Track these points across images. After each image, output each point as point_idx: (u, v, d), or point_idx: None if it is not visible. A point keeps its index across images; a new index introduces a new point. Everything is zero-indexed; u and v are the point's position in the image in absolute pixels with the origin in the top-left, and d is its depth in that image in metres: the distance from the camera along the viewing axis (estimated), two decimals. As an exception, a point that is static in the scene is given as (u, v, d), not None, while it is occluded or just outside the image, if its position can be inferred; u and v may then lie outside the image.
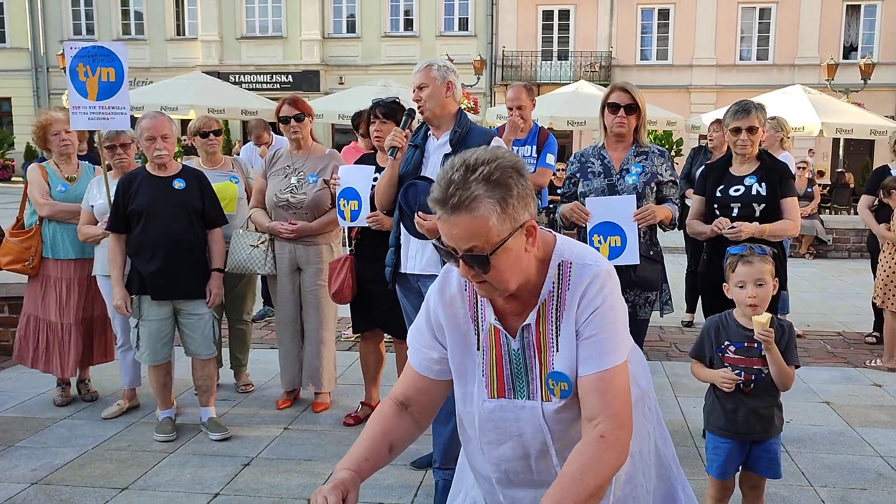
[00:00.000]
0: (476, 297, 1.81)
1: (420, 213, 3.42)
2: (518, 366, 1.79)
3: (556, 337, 1.75)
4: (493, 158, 1.61)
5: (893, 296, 5.70)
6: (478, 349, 1.82)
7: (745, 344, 2.88)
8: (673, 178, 3.87)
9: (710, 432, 3.03)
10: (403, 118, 3.75)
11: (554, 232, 1.82)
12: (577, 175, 3.94)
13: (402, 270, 3.67)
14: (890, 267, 5.77)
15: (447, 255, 1.67)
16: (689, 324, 7.02)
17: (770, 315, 2.81)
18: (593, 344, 1.71)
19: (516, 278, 1.69)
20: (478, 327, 1.82)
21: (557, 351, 1.75)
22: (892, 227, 5.78)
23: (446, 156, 3.49)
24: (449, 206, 1.58)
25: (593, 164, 3.91)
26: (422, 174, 3.57)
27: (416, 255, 3.61)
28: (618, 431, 1.66)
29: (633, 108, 3.80)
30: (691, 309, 6.96)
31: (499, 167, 1.60)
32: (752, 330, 2.82)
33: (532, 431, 1.80)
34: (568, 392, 1.75)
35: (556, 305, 1.75)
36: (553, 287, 1.75)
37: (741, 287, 2.86)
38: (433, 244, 1.77)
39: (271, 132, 8.01)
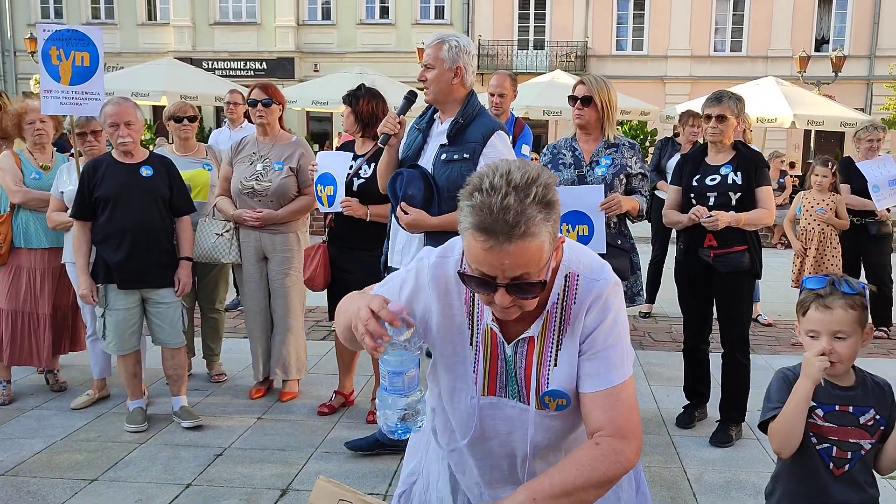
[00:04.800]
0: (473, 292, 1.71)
1: (403, 204, 3.27)
2: (510, 371, 1.74)
3: (557, 351, 1.69)
4: (537, 176, 1.49)
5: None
6: (471, 345, 1.75)
7: (837, 407, 2.04)
8: (642, 171, 3.95)
9: None
10: (402, 102, 3.49)
11: (560, 235, 1.74)
12: (549, 166, 4.01)
13: (389, 263, 3.54)
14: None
15: (482, 285, 1.54)
16: (647, 314, 7.06)
17: None
18: (600, 360, 1.65)
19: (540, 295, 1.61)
20: (472, 323, 1.74)
21: (556, 366, 1.69)
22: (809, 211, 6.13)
23: (442, 146, 3.33)
24: (506, 234, 1.44)
25: (565, 155, 3.98)
26: (412, 162, 3.40)
27: (402, 249, 3.48)
28: (617, 443, 1.60)
29: (588, 101, 3.87)
30: (650, 300, 7.00)
31: (546, 185, 1.49)
32: (844, 388, 2.06)
33: (520, 433, 1.75)
34: (565, 406, 1.71)
35: (561, 318, 1.69)
36: (558, 298, 1.68)
37: (812, 337, 2.05)
38: (458, 273, 1.63)
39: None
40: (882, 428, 2.04)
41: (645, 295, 4.69)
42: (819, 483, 2.05)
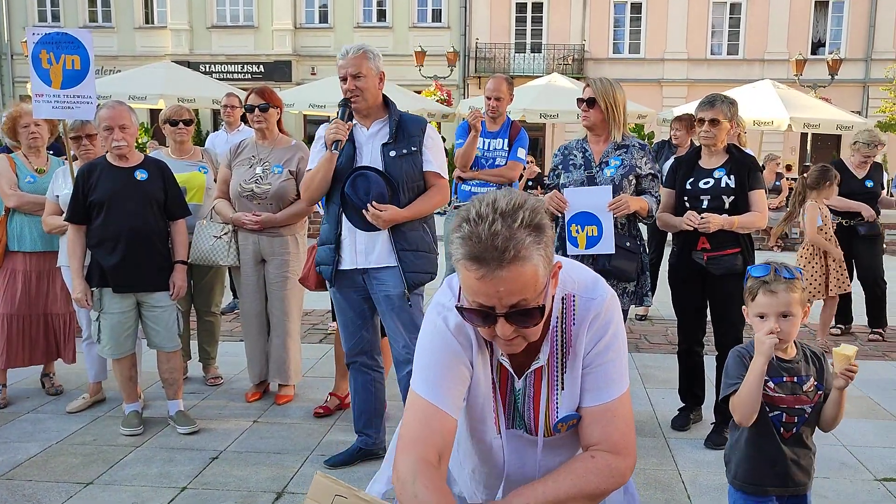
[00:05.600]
0: None
1: (374, 203, 3.36)
2: (517, 403, 1.74)
3: (563, 375, 1.70)
4: (523, 201, 1.48)
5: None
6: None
7: (785, 378, 2.35)
8: (652, 172, 3.96)
9: (740, 490, 2.47)
10: (340, 109, 3.52)
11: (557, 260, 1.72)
12: (560, 167, 4.04)
13: (348, 267, 3.54)
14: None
15: (481, 317, 1.51)
16: (643, 317, 7.06)
17: (856, 349, 2.28)
18: (599, 374, 1.67)
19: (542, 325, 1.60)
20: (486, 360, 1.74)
21: (563, 389, 1.70)
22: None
23: (384, 145, 3.47)
24: (497, 260, 1.42)
25: (575, 156, 4.01)
26: (358, 165, 3.49)
27: (364, 250, 3.50)
28: (612, 458, 1.62)
29: (593, 102, 3.90)
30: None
31: (533, 209, 1.47)
32: (788, 360, 2.37)
33: (532, 463, 1.78)
34: (575, 425, 1.73)
35: (563, 341, 1.69)
36: (557, 322, 1.68)
37: (762, 318, 2.34)
38: (455, 308, 1.59)
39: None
40: (820, 392, 2.36)
41: (651, 296, 4.69)
42: (772, 446, 2.36)
